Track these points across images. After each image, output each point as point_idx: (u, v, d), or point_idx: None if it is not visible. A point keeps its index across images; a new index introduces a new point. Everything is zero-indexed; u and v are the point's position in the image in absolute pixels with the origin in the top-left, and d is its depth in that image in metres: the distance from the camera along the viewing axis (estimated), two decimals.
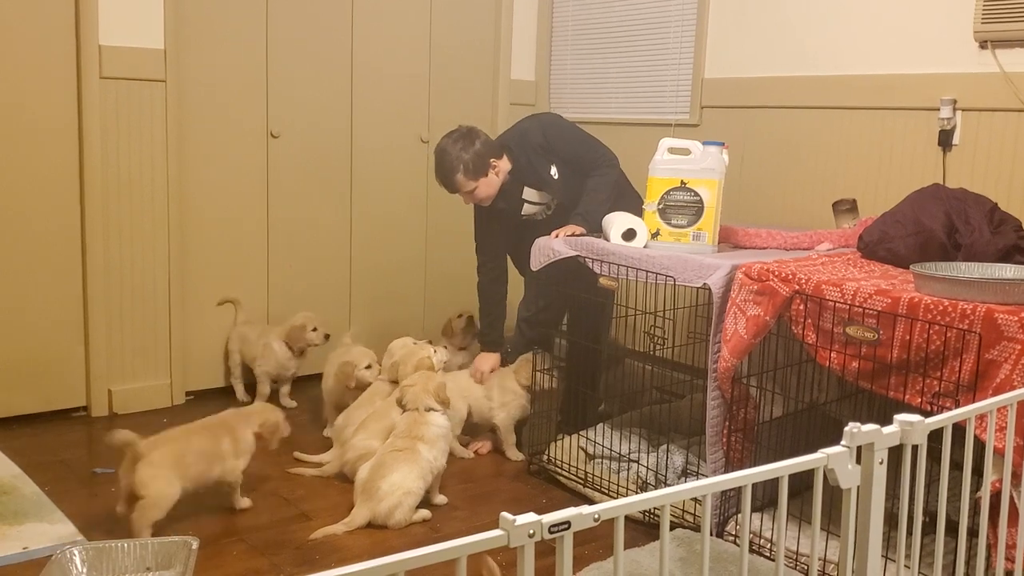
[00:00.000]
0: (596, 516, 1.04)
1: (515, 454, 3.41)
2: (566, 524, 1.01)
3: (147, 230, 3.71)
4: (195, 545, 2.37)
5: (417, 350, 3.24)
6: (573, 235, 3.13)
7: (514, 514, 0.98)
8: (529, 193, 3.49)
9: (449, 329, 4.02)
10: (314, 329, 3.83)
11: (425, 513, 2.86)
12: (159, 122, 3.66)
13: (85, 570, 2.32)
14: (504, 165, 3.40)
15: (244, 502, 2.87)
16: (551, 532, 1.00)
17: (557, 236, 3.15)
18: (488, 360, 3.51)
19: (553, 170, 3.38)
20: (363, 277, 4.40)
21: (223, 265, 3.98)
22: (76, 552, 2.34)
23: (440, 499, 2.96)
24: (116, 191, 3.61)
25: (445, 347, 3.58)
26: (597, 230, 3.17)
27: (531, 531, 0.98)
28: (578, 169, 3.37)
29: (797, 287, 2.48)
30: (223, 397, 3.96)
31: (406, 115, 4.44)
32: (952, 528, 1.65)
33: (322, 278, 4.27)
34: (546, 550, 1.04)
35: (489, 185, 3.37)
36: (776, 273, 2.53)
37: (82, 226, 3.58)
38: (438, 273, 4.65)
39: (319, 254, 4.25)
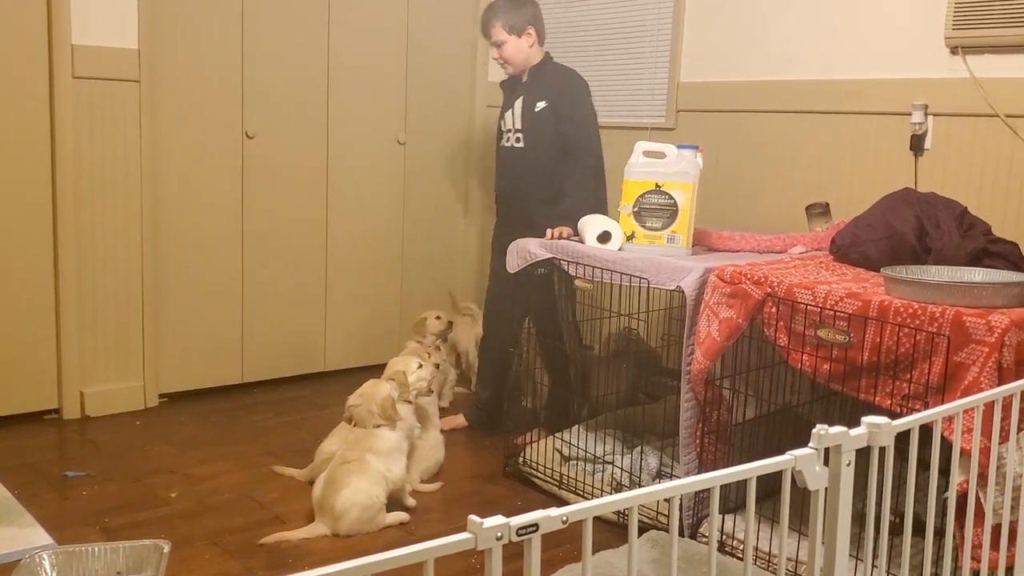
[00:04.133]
0: (564, 518, 1.04)
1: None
2: (534, 526, 1.01)
3: (120, 231, 3.68)
4: (167, 549, 2.35)
5: (379, 384, 3.01)
6: (562, 236, 3.16)
7: (489, 516, 0.99)
8: (514, 111, 3.57)
9: (422, 328, 3.91)
10: (437, 317, 3.97)
11: (402, 516, 2.85)
12: (132, 122, 3.63)
13: (55, 574, 2.30)
14: (536, 43, 3.52)
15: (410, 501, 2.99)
16: (519, 535, 1.00)
17: (550, 236, 3.17)
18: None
19: (540, 105, 3.47)
20: (339, 278, 4.38)
21: (197, 266, 3.94)
22: (46, 556, 2.31)
23: (409, 502, 2.95)
24: (89, 192, 3.58)
25: (429, 356, 3.44)
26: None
27: (499, 534, 0.98)
28: (562, 135, 3.43)
29: (769, 290, 2.50)
30: (197, 400, 3.94)
31: (383, 117, 4.43)
32: (920, 528, 1.67)
33: (298, 279, 4.25)
34: (518, 552, 1.04)
35: (518, 48, 3.50)
36: (748, 276, 2.55)
37: (54, 227, 3.54)
38: (415, 274, 4.64)
39: (295, 255, 4.23)
